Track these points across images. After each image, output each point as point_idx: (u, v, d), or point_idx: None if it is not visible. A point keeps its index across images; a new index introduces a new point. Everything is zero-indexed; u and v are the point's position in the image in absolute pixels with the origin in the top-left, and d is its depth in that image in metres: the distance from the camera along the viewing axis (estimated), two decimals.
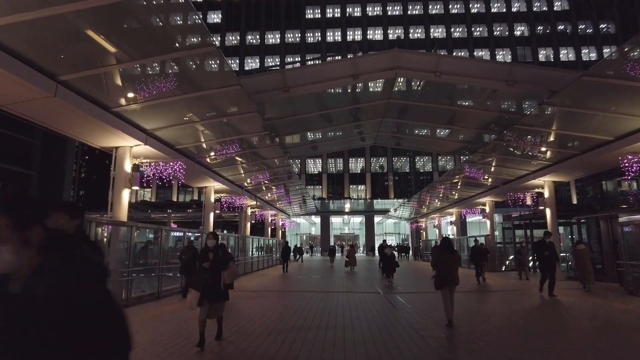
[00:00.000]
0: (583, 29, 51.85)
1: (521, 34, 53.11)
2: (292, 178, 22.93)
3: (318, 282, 17.14)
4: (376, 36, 54.30)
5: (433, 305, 10.34)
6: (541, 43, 52.09)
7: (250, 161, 18.08)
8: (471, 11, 53.53)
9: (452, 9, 53.93)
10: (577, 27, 51.88)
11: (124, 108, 10.84)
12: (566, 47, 52.04)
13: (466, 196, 27.41)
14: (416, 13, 54.30)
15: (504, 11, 53.42)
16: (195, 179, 17.83)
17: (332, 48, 52.68)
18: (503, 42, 52.76)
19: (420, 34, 54.05)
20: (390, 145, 21.70)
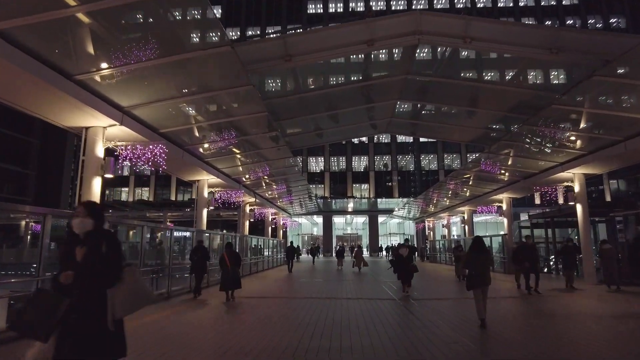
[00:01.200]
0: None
1: (569, 2, 50.23)
2: (294, 172, 20.87)
3: (325, 286, 15.08)
4: None
5: (465, 317, 8.29)
6: (591, 11, 49.04)
7: (247, 151, 16.02)
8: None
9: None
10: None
11: (90, 76, 8.80)
12: (618, 15, 48.95)
13: (480, 193, 25.31)
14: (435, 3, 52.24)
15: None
16: (185, 170, 15.77)
17: None
18: (547, 10, 49.69)
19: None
20: (404, 134, 19.53)
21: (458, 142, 19.70)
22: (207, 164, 16.20)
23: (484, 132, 16.56)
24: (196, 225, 17.32)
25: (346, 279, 17.92)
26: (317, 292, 13.20)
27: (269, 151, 16.83)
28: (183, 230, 15.64)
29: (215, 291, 12.52)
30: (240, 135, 14.08)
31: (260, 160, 17.63)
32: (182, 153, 14.03)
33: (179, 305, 10.58)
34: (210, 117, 12.65)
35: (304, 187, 27.37)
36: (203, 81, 10.36)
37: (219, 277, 12.74)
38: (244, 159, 17.30)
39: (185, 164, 14.81)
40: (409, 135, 22.68)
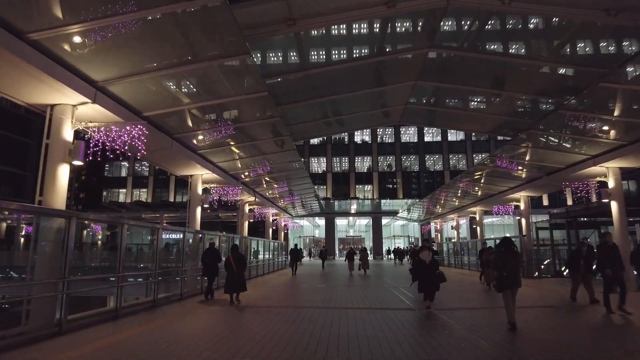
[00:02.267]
0: None
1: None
2: (296, 169, 19.08)
3: (332, 293, 13.26)
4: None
5: (508, 336, 6.51)
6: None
7: (246, 142, 14.24)
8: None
9: None
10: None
11: (51, 34, 7.04)
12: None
13: (494, 191, 23.48)
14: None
15: None
16: (175, 163, 14.00)
17: None
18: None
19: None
20: (420, 124, 17.70)
21: (477, 132, 17.69)
22: (200, 156, 14.44)
23: (507, 121, 14.78)
24: (189, 226, 15.53)
25: (354, 284, 16.10)
26: (325, 300, 11.39)
27: (270, 143, 15.06)
28: (170, 230, 13.85)
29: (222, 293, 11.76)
30: (237, 122, 12.34)
31: (261, 153, 15.86)
32: (171, 142, 12.27)
33: (179, 310, 8.79)
34: (202, 97, 10.89)
35: (307, 187, 25.55)
36: (192, 49, 8.60)
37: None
38: (243, 152, 15.54)
39: (176, 155, 13.05)
40: (424, 126, 20.43)
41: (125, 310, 9.57)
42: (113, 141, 8.56)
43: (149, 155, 12.74)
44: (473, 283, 16.71)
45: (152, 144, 11.73)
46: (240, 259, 10.96)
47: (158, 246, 11.64)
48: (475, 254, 22.51)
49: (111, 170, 54.92)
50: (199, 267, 13.86)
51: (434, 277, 9.22)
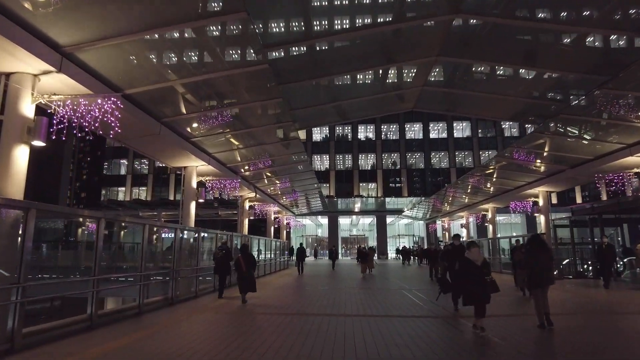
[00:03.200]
0: None
1: None
2: (300, 161, 17.56)
3: (343, 297, 11.73)
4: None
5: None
6: None
7: (244, 128, 12.71)
8: None
9: None
10: None
11: None
12: None
13: (510, 187, 21.92)
14: None
15: None
16: (165, 152, 12.47)
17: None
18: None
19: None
20: (436, 110, 16.10)
21: (499, 119, 16.03)
22: (194, 145, 12.92)
23: (534, 105, 13.19)
24: (183, 222, 14.03)
25: (367, 287, 14.57)
26: (336, 306, 9.85)
27: (271, 133, 13.54)
28: (159, 227, 12.36)
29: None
30: (235, 103, 10.83)
31: (261, 143, 14.34)
32: (160, 127, 10.76)
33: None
34: (193, 71, 9.36)
35: (311, 182, 24.01)
36: (180, 6, 7.07)
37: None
38: (241, 142, 14.03)
39: (165, 142, 11.53)
40: (442, 111, 18.68)
41: (103, 319, 8.08)
42: (82, 117, 7.02)
43: (135, 142, 11.25)
44: (509, 288, 15.13)
45: (138, 127, 10.24)
46: (249, 258, 10.78)
47: (144, 245, 10.14)
48: (498, 253, 20.80)
49: (110, 169, 53.53)
50: (195, 268, 12.49)
51: (486, 285, 6.60)
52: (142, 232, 10.21)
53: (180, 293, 13.12)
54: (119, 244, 40.87)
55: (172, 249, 11.91)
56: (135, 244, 30.50)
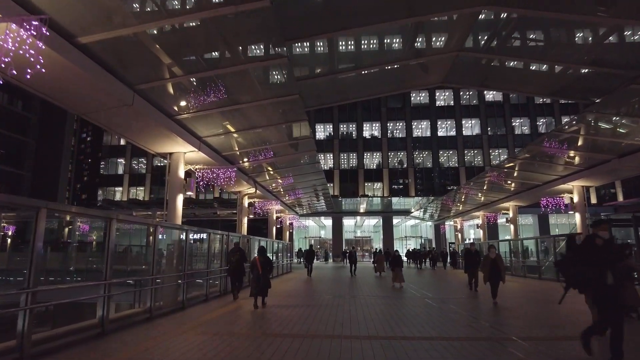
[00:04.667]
0: None
1: None
2: (306, 150, 15.11)
3: (366, 309, 9.27)
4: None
5: None
6: None
7: (240, 103, 10.25)
8: None
9: None
10: None
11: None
12: None
13: (538, 182, 19.42)
14: None
15: None
16: (144, 131, 10.00)
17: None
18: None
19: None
20: (469, 86, 13.65)
21: (538, 95, 13.52)
22: (180, 125, 10.49)
23: (585, 77, 10.72)
24: (168, 219, 11.59)
25: (386, 296, 12.11)
26: (358, 323, 7.41)
27: (274, 111, 11.10)
28: (132, 222, 9.96)
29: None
30: (229, 62, 8.41)
31: (262, 125, 11.90)
32: (132, 96, 8.34)
33: None
34: (165, 13, 6.94)
35: (319, 179, 21.54)
36: None
37: None
38: (238, 122, 11.60)
39: (142, 119, 9.10)
40: (475, 87, 15.99)
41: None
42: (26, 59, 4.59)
43: (102, 116, 8.82)
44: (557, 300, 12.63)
45: (99, 93, 7.82)
46: (266, 261, 10.30)
47: (109, 245, 7.73)
48: (543, 254, 18.14)
49: (107, 168, 51.24)
50: (179, 275, 10.20)
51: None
52: (109, 228, 7.83)
53: (163, 303, 10.75)
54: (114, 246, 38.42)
55: (152, 252, 9.51)
56: (141, 246, 28.17)
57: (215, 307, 10.44)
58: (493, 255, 9.33)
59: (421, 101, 46.32)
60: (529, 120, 44.97)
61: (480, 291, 12.05)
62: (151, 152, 11.52)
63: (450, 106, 45.69)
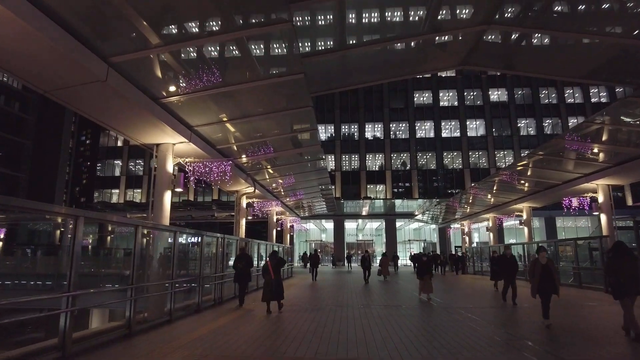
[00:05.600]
0: None
1: None
2: (311, 145, 13.66)
3: (389, 322, 7.80)
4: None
5: None
6: None
7: (236, 84, 8.80)
8: None
9: None
10: None
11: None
12: None
13: (557, 181, 17.96)
14: None
15: None
16: (123, 116, 8.51)
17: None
18: None
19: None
20: (493, 67, 12.10)
21: (571, 78, 12.18)
22: (166, 110, 9.04)
23: (611, 58, 9.27)
24: (154, 219, 10.12)
25: (416, 306, 10.62)
26: (381, 344, 5.95)
27: (275, 94, 9.66)
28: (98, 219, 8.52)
29: None
30: (224, 30, 6.98)
31: (261, 112, 10.44)
32: (106, 70, 6.91)
33: None
34: None
35: (322, 178, 20.07)
36: None
37: None
38: (235, 108, 10.15)
39: (118, 98, 7.63)
40: (499, 69, 13.99)
41: None
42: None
43: (67, 93, 7.35)
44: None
45: (64, 65, 6.39)
46: (278, 264, 9.98)
47: (75, 248, 6.28)
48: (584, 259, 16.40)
49: (104, 170, 49.80)
50: (167, 282, 8.82)
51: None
52: (74, 230, 6.40)
53: (148, 315, 9.29)
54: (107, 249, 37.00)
55: (133, 256, 8.05)
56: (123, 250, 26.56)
57: (208, 320, 8.99)
58: (544, 261, 7.42)
59: (425, 101, 44.98)
60: (534, 121, 43.61)
61: (522, 305, 10.42)
62: (136, 142, 10.05)
63: (455, 106, 44.34)
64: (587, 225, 44.03)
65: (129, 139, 9.92)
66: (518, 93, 44.44)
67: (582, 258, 15.85)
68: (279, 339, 6.76)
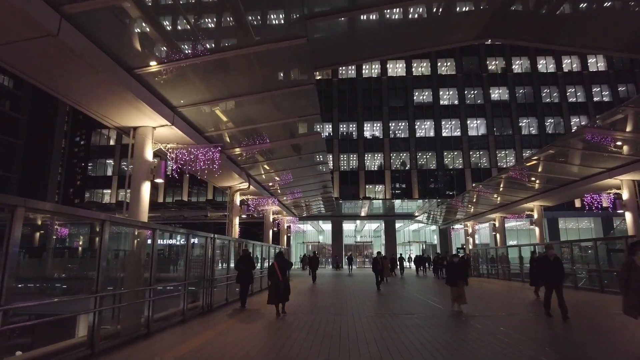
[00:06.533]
0: None
1: None
2: (311, 134, 12.15)
3: (412, 338, 6.32)
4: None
5: None
6: None
7: (227, 51, 7.30)
8: None
9: None
10: None
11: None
12: None
13: (575, 177, 16.56)
14: None
15: None
16: (88, 87, 6.98)
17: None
18: None
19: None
20: (520, 40, 10.43)
21: (608, 51, 10.80)
22: (144, 84, 7.54)
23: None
24: (130, 214, 8.58)
25: (432, 316, 9.13)
26: None
27: (272, 63, 8.18)
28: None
29: None
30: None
31: (257, 90, 8.94)
32: (58, 21, 5.40)
33: None
34: None
35: (322, 174, 18.59)
36: None
37: None
38: (225, 87, 8.66)
39: (77, 61, 6.10)
40: (529, 41, 12.01)
41: None
42: None
43: (10, 52, 5.83)
44: None
45: (4, 13, 4.86)
46: (285, 266, 9.67)
47: (9, 247, 4.76)
48: None
49: (95, 170, 48.07)
50: (144, 289, 7.35)
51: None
52: (9, 229, 4.88)
53: (121, 327, 7.77)
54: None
55: (97, 257, 6.54)
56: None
57: (194, 332, 7.50)
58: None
59: (424, 100, 43.66)
60: (536, 120, 42.41)
61: (580, 323, 8.16)
62: (109, 124, 8.51)
63: (455, 105, 43.06)
64: (590, 227, 42.87)
65: (102, 120, 8.38)
66: (519, 92, 43.22)
67: (602, 260, 14.46)
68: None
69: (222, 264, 12.41)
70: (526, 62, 43.89)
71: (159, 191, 44.94)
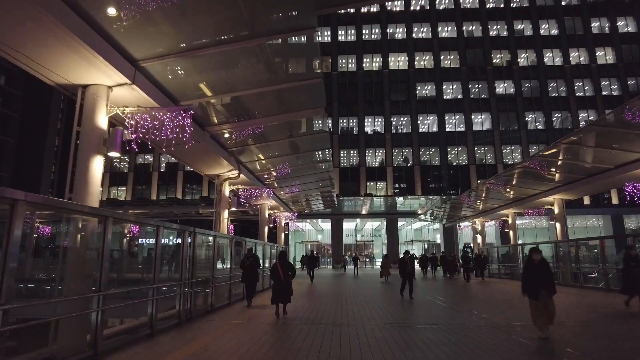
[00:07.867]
0: None
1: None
2: (312, 105, 10.10)
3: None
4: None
5: None
6: None
7: None
8: None
9: None
10: None
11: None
12: None
13: (609, 166, 14.49)
14: None
15: None
16: (16, 25, 4.98)
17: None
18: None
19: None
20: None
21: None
22: (88, 22, 5.49)
23: None
24: (76, 197, 6.48)
25: (436, 320, 7.07)
26: None
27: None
28: None
29: None
30: None
31: (245, 37, 6.87)
32: None
33: None
34: None
35: (324, 163, 16.52)
36: None
37: None
38: (199, 30, 6.61)
39: None
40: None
41: None
42: None
43: None
44: None
45: None
46: (288, 266, 9.24)
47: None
48: None
49: None
50: (120, 292, 5.24)
51: None
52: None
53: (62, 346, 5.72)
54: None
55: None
56: None
57: (161, 352, 5.46)
58: None
59: (427, 94, 41.66)
60: (543, 114, 40.45)
61: None
62: (50, 80, 6.43)
63: (459, 99, 41.07)
64: (599, 225, 40.98)
65: (40, 76, 6.29)
66: (525, 85, 41.26)
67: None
68: None
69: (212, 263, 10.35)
70: (532, 55, 41.94)
71: (152, 188, 42.77)
